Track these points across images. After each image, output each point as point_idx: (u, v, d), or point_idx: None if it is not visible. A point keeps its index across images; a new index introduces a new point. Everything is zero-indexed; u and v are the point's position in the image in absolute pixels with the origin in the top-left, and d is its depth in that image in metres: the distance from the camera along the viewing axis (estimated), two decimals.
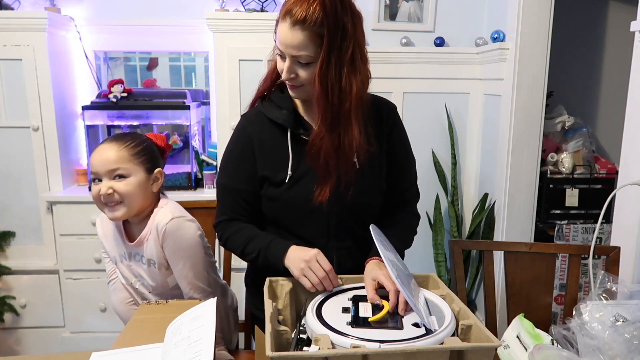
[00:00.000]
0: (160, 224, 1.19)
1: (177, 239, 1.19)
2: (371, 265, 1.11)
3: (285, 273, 1.11)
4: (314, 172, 1.16)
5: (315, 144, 1.11)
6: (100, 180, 1.18)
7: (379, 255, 1.09)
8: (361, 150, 1.13)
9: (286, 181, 1.17)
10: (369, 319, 0.94)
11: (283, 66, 1.10)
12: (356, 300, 1.02)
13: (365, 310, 0.97)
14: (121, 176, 1.18)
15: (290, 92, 1.16)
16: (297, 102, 1.23)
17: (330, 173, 1.12)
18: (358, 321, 0.93)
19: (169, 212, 1.21)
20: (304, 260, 1.06)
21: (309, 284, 1.04)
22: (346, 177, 1.14)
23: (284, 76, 1.10)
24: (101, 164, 1.17)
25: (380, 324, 0.93)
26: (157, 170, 1.25)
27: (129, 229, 1.27)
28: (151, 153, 1.25)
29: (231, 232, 1.22)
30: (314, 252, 1.08)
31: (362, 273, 1.11)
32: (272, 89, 1.24)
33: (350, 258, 1.20)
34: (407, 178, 1.30)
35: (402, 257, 1.24)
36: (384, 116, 1.23)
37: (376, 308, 0.98)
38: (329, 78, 1.05)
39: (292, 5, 1.04)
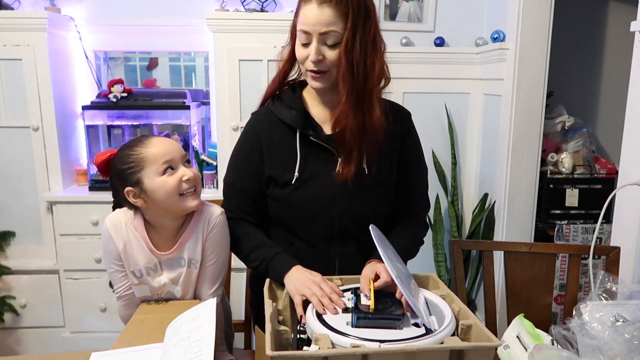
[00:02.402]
0: (214, 214, 1.19)
1: (223, 232, 1.21)
2: (370, 264, 1.11)
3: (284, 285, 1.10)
4: (321, 176, 1.16)
5: (341, 121, 1.11)
6: (173, 169, 1.13)
7: (379, 258, 1.10)
8: (381, 130, 1.14)
9: (292, 182, 1.16)
10: (370, 308, 0.93)
11: (305, 53, 1.09)
12: (357, 292, 1.02)
13: (366, 301, 0.98)
14: (189, 161, 1.18)
15: (313, 82, 1.13)
16: (308, 102, 1.22)
17: (354, 150, 1.13)
18: (359, 310, 0.93)
19: (218, 206, 1.22)
20: (305, 283, 1.03)
21: (300, 302, 1.01)
22: (370, 156, 1.15)
23: (311, 58, 1.07)
24: (176, 151, 1.14)
25: (384, 312, 0.93)
26: None
27: (155, 241, 1.19)
28: None
29: (238, 235, 1.22)
30: (319, 277, 1.06)
31: None
32: (284, 88, 1.23)
33: (352, 264, 1.19)
34: (417, 188, 1.28)
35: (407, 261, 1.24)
36: (397, 122, 1.22)
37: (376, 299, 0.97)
38: (354, 55, 1.07)
39: None
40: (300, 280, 1.05)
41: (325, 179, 1.16)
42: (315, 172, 1.17)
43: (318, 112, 1.21)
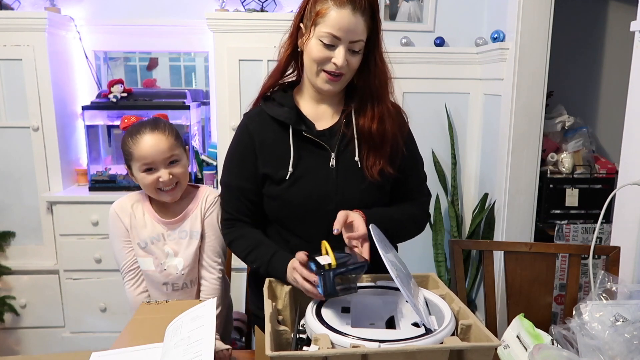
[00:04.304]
0: (212, 195, 1.35)
1: (219, 212, 1.33)
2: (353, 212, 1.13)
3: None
4: (315, 172, 1.17)
5: (367, 119, 1.18)
6: (154, 169, 1.25)
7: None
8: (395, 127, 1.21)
9: (287, 178, 1.17)
10: (331, 264, 0.95)
11: (327, 55, 1.10)
12: (313, 257, 1.02)
13: (324, 260, 0.98)
14: (175, 161, 1.27)
15: (327, 84, 1.15)
16: (299, 101, 1.24)
17: (385, 142, 1.19)
18: (322, 268, 0.95)
19: (214, 189, 1.38)
20: (292, 267, 1.06)
21: (309, 286, 1.01)
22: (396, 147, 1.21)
23: (339, 62, 1.09)
24: (158, 154, 1.23)
25: (346, 264, 0.96)
26: (187, 147, 1.36)
27: (162, 211, 1.33)
28: (179, 133, 1.33)
29: (235, 235, 1.24)
30: (293, 262, 1.07)
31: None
32: (275, 89, 1.25)
33: None
34: (413, 179, 1.29)
35: (395, 239, 1.24)
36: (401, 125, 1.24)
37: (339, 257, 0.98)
38: (378, 57, 1.16)
39: None
40: (291, 268, 1.07)
41: (319, 174, 1.18)
42: (309, 168, 1.18)
43: (310, 109, 1.23)
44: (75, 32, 2.48)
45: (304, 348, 0.90)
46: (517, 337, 1.06)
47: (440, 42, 2.54)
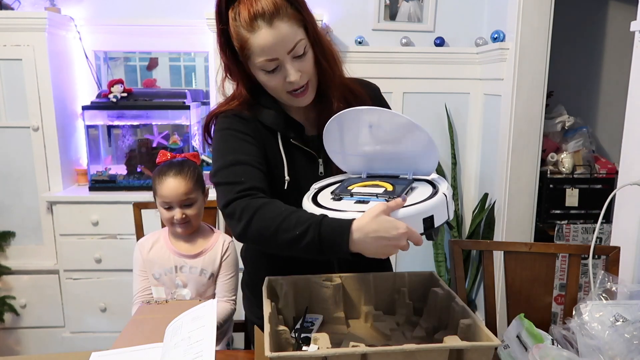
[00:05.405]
0: (227, 240, 1.51)
1: (235, 255, 1.52)
2: None
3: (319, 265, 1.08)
4: (308, 179, 1.12)
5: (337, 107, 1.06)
6: (172, 207, 1.42)
7: None
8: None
9: (285, 188, 1.11)
10: (387, 188, 0.97)
11: (280, 79, 1.01)
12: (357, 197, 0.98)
13: (376, 189, 0.99)
14: (190, 204, 1.43)
15: (299, 100, 1.06)
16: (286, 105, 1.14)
17: None
18: (389, 194, 0.95)
19: (228, 236, 1.54)
20: (387, 240, 0.87)
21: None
22: None
23: (293, 79, 1.00)
24: (175, 197, 1.41)
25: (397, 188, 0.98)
26: (206, 188, 1.51)
27: (179, 245, 1.49)
28: (201, 176, 1.49)
29: (265, 201, 0.96)
30: (388, 233, 0.86)
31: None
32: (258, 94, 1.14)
33: (350, 263, 1.14)
34: None
35: None
36: (370, 97, 1.17)
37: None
38: (325, 47, 1.05)
39: (250, 10, 0.95)
40: (376, 247, 0.88)
41: (311, 183, 1.11)
42: (301, 175, 1.12)
43: (300, 113, 1.15)
44: (75, 32, 2.48)
45: (304, 348, 0.90)
46: (517, 337, 1.06)
47: (440, 42, 2.54)
